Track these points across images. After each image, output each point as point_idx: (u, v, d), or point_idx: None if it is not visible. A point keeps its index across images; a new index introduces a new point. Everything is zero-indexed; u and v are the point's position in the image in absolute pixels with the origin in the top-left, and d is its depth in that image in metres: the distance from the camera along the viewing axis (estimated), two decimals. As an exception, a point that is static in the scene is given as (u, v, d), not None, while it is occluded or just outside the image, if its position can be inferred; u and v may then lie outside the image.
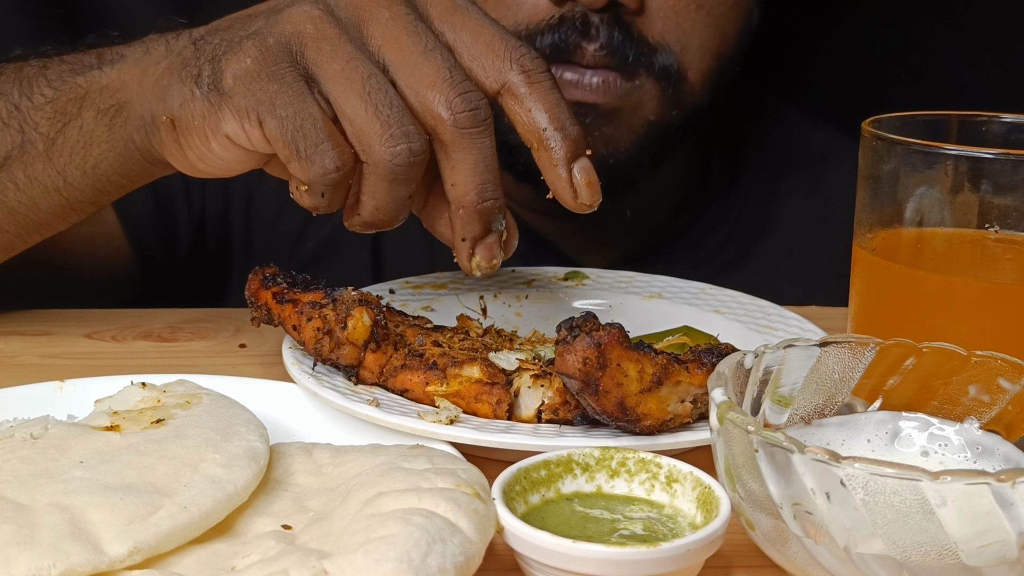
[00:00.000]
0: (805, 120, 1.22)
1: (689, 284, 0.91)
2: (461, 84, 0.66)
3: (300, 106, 0.65)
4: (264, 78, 0.65)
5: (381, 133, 0.64)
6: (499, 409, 0.66)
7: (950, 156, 0.68)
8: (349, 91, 0.65)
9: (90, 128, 0.75)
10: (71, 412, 0.67)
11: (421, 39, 0.66)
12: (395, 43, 0.66)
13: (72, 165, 0.76)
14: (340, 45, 0.65)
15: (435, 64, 0.66)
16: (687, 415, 0.64)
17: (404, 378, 0.68)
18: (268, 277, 0.74)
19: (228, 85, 0.66)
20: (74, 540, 0.49)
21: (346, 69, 0.65)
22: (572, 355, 0.61)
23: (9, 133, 0.77)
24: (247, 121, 0.66)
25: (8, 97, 0.77)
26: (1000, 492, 0.48)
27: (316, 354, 0.69)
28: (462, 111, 0.65)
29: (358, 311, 0.68)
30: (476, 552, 0.51)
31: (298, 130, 0.64)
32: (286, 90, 0.65)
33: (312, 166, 0.65)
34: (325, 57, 0.65)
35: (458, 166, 0.66)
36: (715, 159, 1.17)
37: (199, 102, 0.67)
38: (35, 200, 0.78)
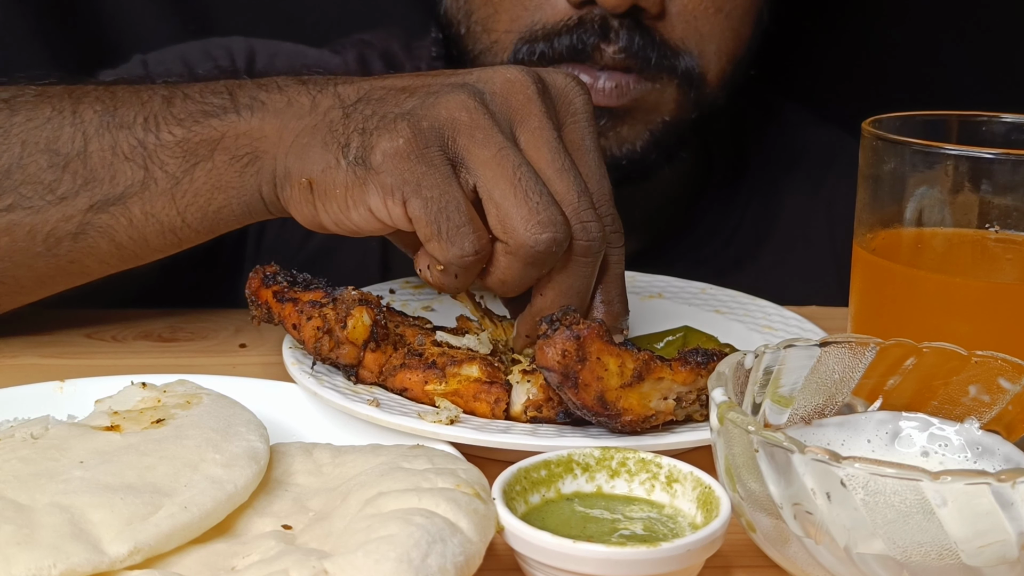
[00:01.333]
0: (808, 121, 1.22)
1: (689, 284, 0.91)
2: (587, 212, 0.67)
3: (445, 188, 0.66)
4: (413, 159, 0.66)
5: (528, 218, 0.65)
6: (497, 408, 0.66)
7: (950, 156, 0.68)
8: (500, 176, 0.66)
9: (220, 172, 0.74)
10: (71, 412, 0.67)
11: (559, 158, 0.68)
12: (537, 152, 0.68)
13: (195, 207, 0.75)
14: (493, 135, 0.67)
15: (567, 185, 0.67)
16: (670, 412, 0.64)
17: (403, 377, 0.68)
18: (268, 276, 0.74)
19: (377, 162, 0.67)
20: (74, 540, 0.49)
21: (498, 156, 0.66)
22: (551, 348, 0.61)
23: (130, 167, 0.75)
24: (391, 199, 0.67)
25: (131, 131, 0.75)
26: (1000, 492, 0.48)
27: (316, 353, 0.69)
28: (580, 239, 0.67)
29: (358, 310, 0.68)
30: (476, 552, 0.51)
31: (441, 211, 0.66)
32: (433, 173, 0.66)
33: (452, 248, 0.66)
34: (477, 144, 0.67)
35: (555, 283, 0.68)
36: (718, 159, 1.17)
37: (344, 172, 0.68)
38: (146, 237, 0.76)
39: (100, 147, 0.75)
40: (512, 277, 0.68)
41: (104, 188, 0.75)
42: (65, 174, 0.75)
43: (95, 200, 0.75)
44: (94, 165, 0.75)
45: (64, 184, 0.75)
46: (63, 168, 0.75)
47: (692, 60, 0.96)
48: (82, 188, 0.75)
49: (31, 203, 0.75)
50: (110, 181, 0.75)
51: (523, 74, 0.70)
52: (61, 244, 0.76)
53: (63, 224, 0.76)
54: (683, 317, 0.84)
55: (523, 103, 0.69)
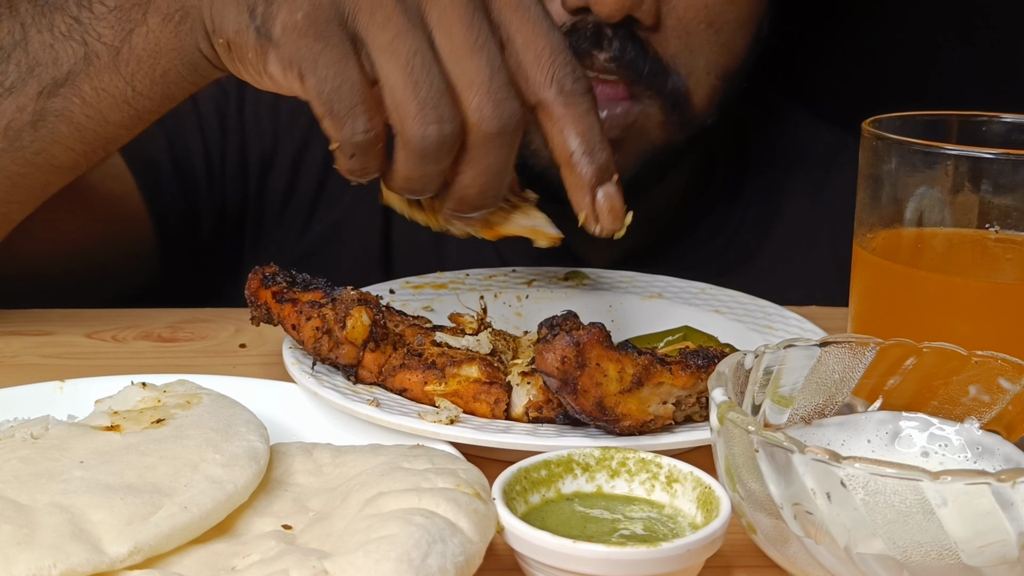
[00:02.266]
0: (810, 121, 1.22)
1: (689, 284, 0.91)
2: (498, 91, 0.66)
3: (341, 68, 0.65)
4: (311, 36, 0.65)
5: (415, 112, 0.65)
6: (497, 409, 0.66)
7: (950, 156, 0.68)
8: (393, 63, 0.65)
9: (156, 35, 0.74)
10: (71, 412, 0.67)
11: (473, 32, 0.66)
12: (448, 30, 0.66)
13: (141, 74, 0.75)
14: (393, 16, 0.65)
15: (478, 64, 0.66)
16: (668, 417, 0.64)
17: (403, 377, 0.68)
18: (268, 276, 0.74)
19: (277, 34, 0.66)
20: (74, 540, 0.49)
21: (394, 41, 0.65)
22: (551, 353, 0.61)
23: (71, 45, 0.75)
24: (289, 72, 0.66)
25: (65, 10, 0.76)
26: (1000, 492, 0.48)
27: (315, 353, 0.70)
28: (489, 117, 0.66)
29: (357, 310, 0.68)
30: (476, 552, 0.51)
31: (335, 91, 0.65)
32: (330, 51, 0.65)
33: (343, 127, 0.66)
34: (376, 25, 0.65)
35: (472, 164, 0.67)
36: (719, 160, 1.17)
37: (250, 36, 0.68)
38: (103, 113, 0.76)
39: (39, 31, 0.76)
40: (412, 173, 0.67)
41: (50, 71, 0.76)
42: (10, 65, 0.76)
43: (43, 84, 0.76)
44: (35, 51, 0.76)
45: (10, 75, 0.76)
46: (6, 60, 0.76)
47: (679, 81, 0.95)
48: (28, 75, 0.76)
49: None
50: (54, 63, 0.75)
51: None
52: (22, 136, 0.77)
53: (19, 115, 0.76)
54: (683, 317, 0.84)
55: None
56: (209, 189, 1.09)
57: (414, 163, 0.67)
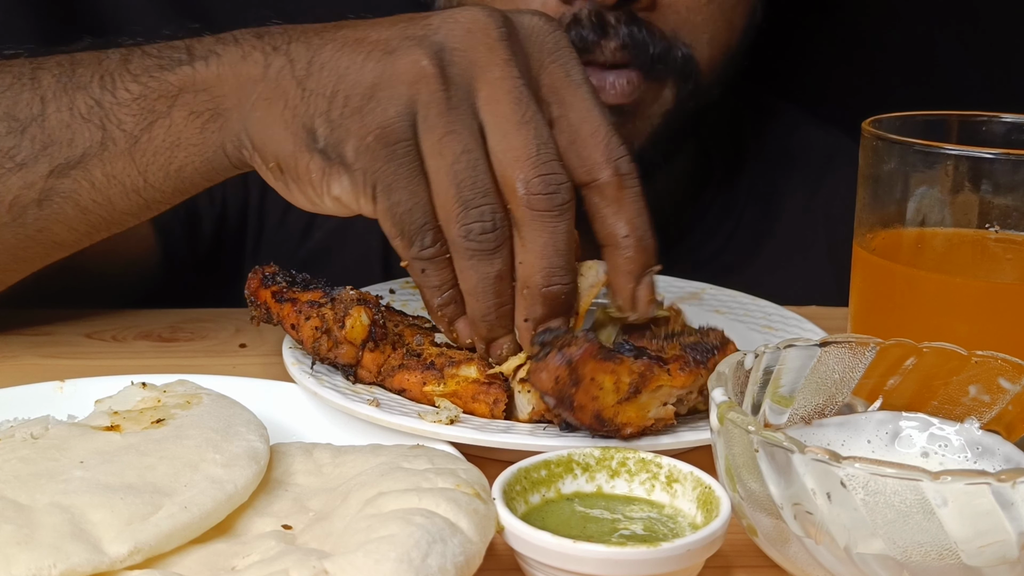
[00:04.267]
0: (807, 122, 1.22)
1: (689, 284, 0.91)
2: (545, 164, 0.65)
3: (414, 190, 0.66)
4: (384, 158, 0.65)
5: (457, 212, 0.65)
6: (496, 409, 0.66)
7: (950, 156, 0.68)
8: (440, 166, 0.65)
9: (179, 129, 0.73)
10: (71, 412, 0.67)
11: (520, 108, 0.65)
12: (495, 106, 0.66)
13: (155, 166, 0.74)
14: (443, 114, 0.65)
15: (525, 138, 0.65)
16: (670, 417, 0.63)
17: (402, 378, 0.68)
18: (268, 276, 0.74)
19: (350, 158, 0.66)
20: (74, 540, 0.49)
21: (440, 143, 0.65)
22: (544, 372, 0.61)
23: (89, 128, 0.73)
24: (363, 195, 0.67)
25: (88, 91, 0.74)
26: (1000, 492, 0.48)
27: (314, 353, 0.70)
28: (537, 192, 0.65)
29: (356, 310, 0.68)
30: (476, 552, 0.51)
31: (406, 214, 0.66)
32: (403, 172, 0.66)
33: (412, 246, 0.66)
34: (428, 127, 0.65)
35: (528, 246, 0.66)
36: (716, 160, 1.17)
37: (314, 159, 0.68)
38: (111, 199, 0.75)
39: (58, 109, 0.74)
40: (470, 280, 0.66)
41: (63, 151, 0.74)
42: (24, 139, 0.74)
43: (55, 164, 0.74)
44: (52, 128, 0.74)
45: (23, 150, 0.74)
46: (21, 133, 0.74)
47: (687, 50, 0.96)
48: (41, 153, 0.74)
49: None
50: (68, 144, 0.74)
51: (487, 18, 0.67)
52: (27, 212, 0.75)
53: (26, 192, 0.74)
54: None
55: (484, 54, 0.66)
56: (209, 196, 1.08)
57: (467, 268, 0.66)
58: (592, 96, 0.68)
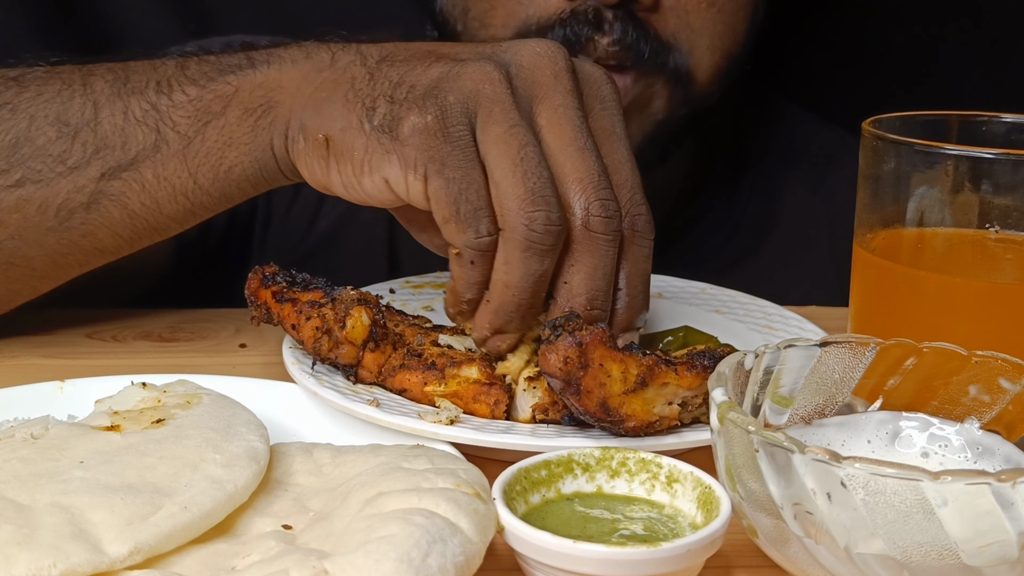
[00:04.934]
0: (809, 120, 1.22)
1: (689, 284, 0.91)
2: (605, 190, 0.66)
3: (468, 170, 0.65)
4: (440, 137, 0.66)
5: (523, 198, 0.64)
6: (497, 410, 0.66)
7: (950, 156, 0.68)
8: (504, 154, 0.65)
9: (232, 128, 0.73)
10: (71, 412, 0.67)
11: (582, 136, 0.67)
12: (558, 129, 0.67)
13: (207, 167, 0.74)
14: (509, 111, 0.66)
15: (587, 163, 0.66)
16: (674, 418, 0.64)
17: (402, 378, 0.68)
18: (268, 276, 0.74)
19: (405, 134, 0.66)
20: (74, 540, 0.49)
21: (507, 133, 0.65)
22: (554, 354, 0.61)
23: (143, 131, 0.74)
24: (413, 174, 0.66)
25: (143, 95, 0.74)
26: (1000, 492, 0.48)
27: (315, 353, 0.70)
28: (598, 215, 0.66)
29: (356, 310, 0.68)
30: (476, 552, 0.51)
31: (462, 193, 0.65)
32: (458, 153, 0.66)
33: (468, 230, 0.65)
34: (493, 120, 0.66)
35: (576, 266, 0.66)
36: (718, 158, 1.17)
37: (366, 136, 0.67)
38: (159, 203, 0.75)
39: (111, 114, 0.74)
40: (515, 275, 0.66)
41: (116, 155, 0.74)
42: (75, 144, 0.74)
43: (107, 167, 0.74)
44: (105, 132, 0.74)
45: (75, 154, 0.74)
46: (72, 138, 0.74)
47: (682, 58, 0.96)
48: (93, 156, 0.74)
49: (41, 176, 0.75)
50: (122, 147, 0.74)
51: (554, 48, 0.69)
52: (73, 216, 0.75)
53: (75, 195, 0.75)
54: (683, 317, 0.84)
55: (550, 78, 0.68)
56: None
57: (517, 259, 0.65)
58: (628, 151, 0.70)
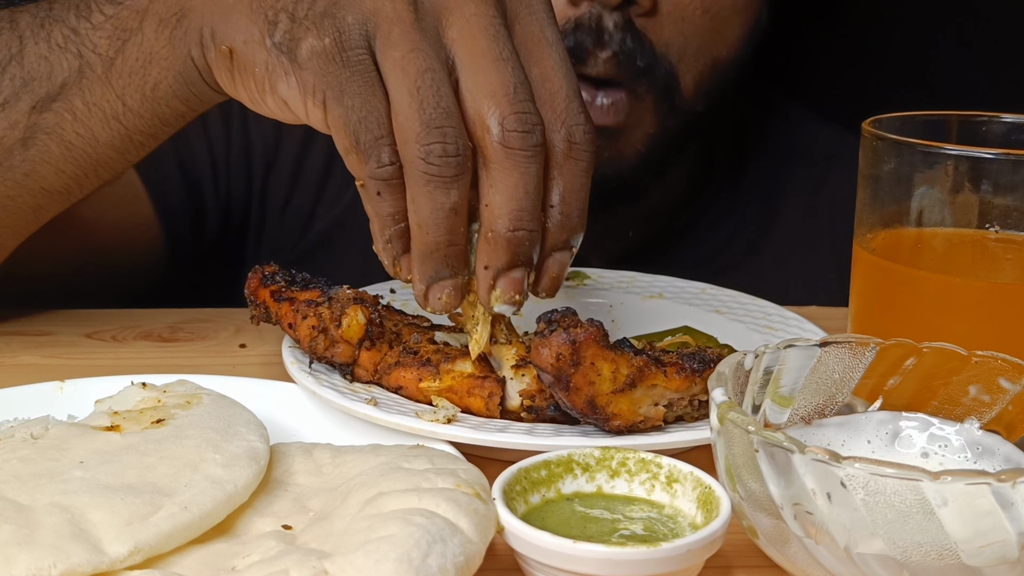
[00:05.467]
0: (810, 120, 1.22)
1: (690, 284, 0.91)
2: (523, 103, 0.62)
3: (368, 97, 0.62)
4: (338, 62, 0.62)
5: (418, 130, 0.61)
6: (491, 402, 0.67)
7: (950, 156, 0.68)
8: (402, 81, 0.61)
9: (150, 43, 0.71)
10: (71, 412, 0.67)
11: (497, 45, 0.62)
12: (470, 42, 0.62)
13: (132, 87, 0.72)
14: (408, 32, 0.62)
15: (503, 75, 0.62)
16: (659, 418, 0.64)
17: (398, 375, 0.69)
18: (267, 276, 0.74)
19: (303, 57, 0.63)
20: (74, 540, 0.49)
21: (405, 58, 0.61)
22: (547, 349, 0.61)
23: (66, 57, 0.73)
24: (311, 99, 0.63)
25: (64, 22, 0.73)
26: (1000, 492, 0.48)
27: (311, 352, 0.70)
28: (513, 129, 0.61)
29: (352, 309, 0.69)
30: (476, 552, 0.51)
31: (361, 122, 0.62)
32: (357, 79, 0.62)
33: (369, 160, 0.62)
34: (391, 43, 0.62)
35: (496, 186, 0.62)
36: (719, 158, 1.17)
37: (266, 53, 0.64)
38: (94, 131, 0.74)
39: (35, 44, 0.74)
40: (422, 210, 0.62)
41: (44, 85, 0.74)
42: (3, 79, 0.74)
43: (36, 99, 0.74)
44: (31, 64, 0.74)
45: (3, 90, 0.74)
46: (1, 74, 0.74)
47: (669, 67, 0.97)
48: (22, 90, 0.74)
49: None
50: (48, 77, 0.73)
51: None
52: (12, 154, 0.75)
53: (10, 132, 0.74)
54: (683, 317, 0.84)
55: None
56: (214, 189, 1.09)
57: (422, 195, 0.61)
58: (562, 57, 0.65)
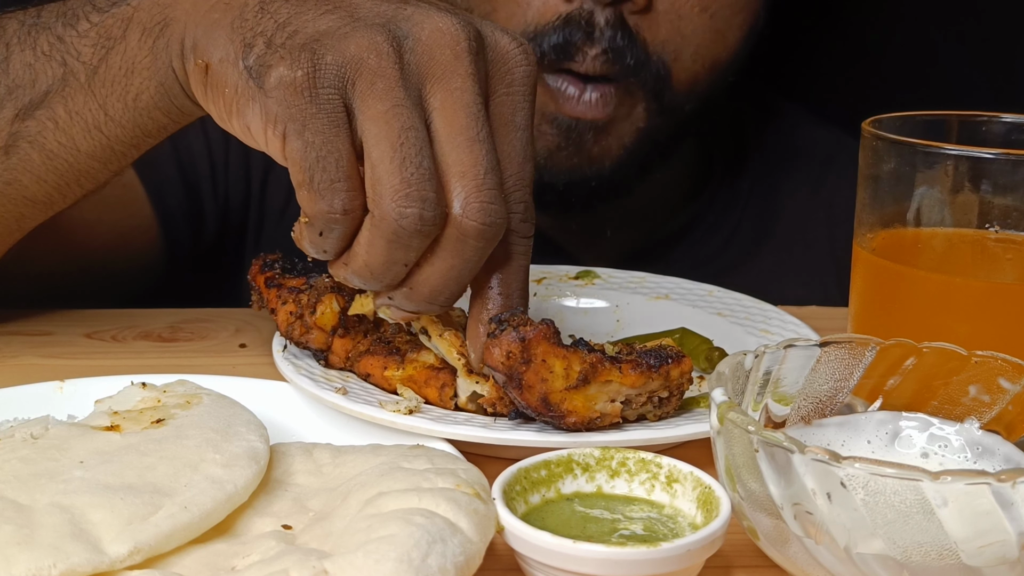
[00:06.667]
0: (809, 120, 1.22)
1: (697, 286, 0.91)
2: (488, 192, 0.61)
3: (330, 136, 0.61)
4: (306, 97, 0.61)
5: (397, 189, 0.60)
6: (444, 394, 0.67)
7: (950, 156, 0.68)
8: (383, 134, 0.60)
9: (133, 52, 0.70)
10: (71, 412, 0.67)
11: (476, 125, 0.62)
12: (451, 115, 0.62)
13: (114, 96, 0.72)
14: (393, 88, 0.61)
15: (476, 157, 0.61)
16: (616, 415, 0.64)
17: (366, 363, 0.70)
18: (268, 263, 0.77)
19: (269, 85, 0.61)
20: (74, 540, 0.49)
21: (388, 113, 0.60)
22: (497, 348, 0.62)
23: (50, 65, 0.72)
24: (272, 129, 0.62)
25: (51, 30, 0.73)
26: (1000, 492, 0.48)
27: (288, 336, 0.73)
28: (474, 219, 0.61)
29: (328, 298, 0.71)
30: (476, 552, 0.51)
31: (318, 161, 0.60)
32: (322, 117, 0.61)
33: (320, 201, 0.61)
34: (374, 94, 0.61)
35: (435, 260, 0.62)
36: (717, 159, 1.17)
37: (237, 74, 0.63)
38: (75, 140, 0.73)
39: (21, 51, 0.74)
40: (376, 257, 0.61)
41: (27, 93, 0.73)
42: None
43: (20, 106, 0.73)
44: (16, 71, 0.73)
45: None
46: None
47: (661, 65, 0.96)
48: (6, 97, 0.73)
49: None
50: (32, 84, 0.73)
51: (458, 26, 0.63)
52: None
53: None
54: (685, 319, 0.84)
55: (449, 59, 0.62)
56: (213, 190, 1.09)
57: (382, 247, 0.61)
58: (524, 145, 0.65)
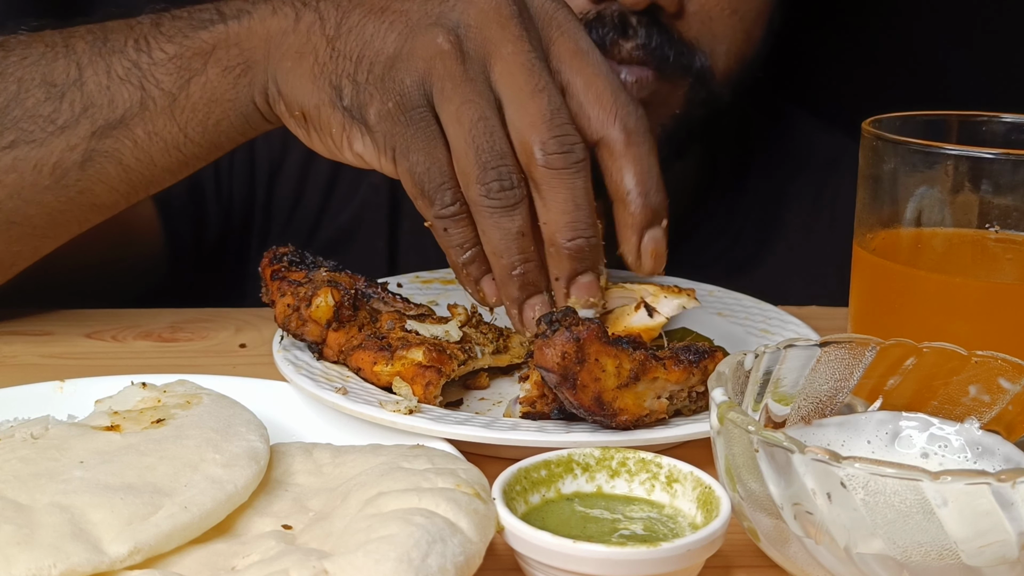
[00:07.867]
0: (813, 125, 1.22)
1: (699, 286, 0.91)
2: (560, 127, 0.68)
3: (431, 150, 0.69)
4: (403, 122, 0.69)
5: (477, 173, 0.68)
6: (428, 392, 0.68)
7: (950, 156, 0.68)
8: (459, 132, 0.68)
9: (214, 85, 0.76)
10: (71, 412, 0.67)
11: (534, 78, 0.69)
12: (510, 79, 0.69)
13: (195, 121, 0.77)
14: (459, 85, 0.69)
15: (539, 105, 0.68)
16: (663, 411, 0.64)
17: (357, 357, 0.71)
18: (277, 256, 0.78)
19: (372, 120, 0.70)
20: (74, 540, 0.49)
21: (459, 111, 0.68)
22: (551, 349, 0.61)
23: (127, 89, 0.77)
24: (384, 156, 0.71)
25: (123, 54, 0.77)
26: (1000, 492, 0.48)
27: (284, 328, 0.74)
28: (554, 152, 0.67)
29: (323, 291, 0.72)
30: (476, 552, 0.51)
31: (425, 173, 0.69)
32: (420, 136, 0.69)
33: (433, 205, 0.69)
34: (445, 98, 0.69)
35: (549, 204, 0.68)
36: (722, 163, 1.17)
37: (341, 116, 0.72)
38: (152, 157, 0.78)
39: (95, 73, 0.77)
40: (493, 239, 0.69)
41: (104, 113, 0.77)
42: (63, 104, 0.77)
43: (96, 126, 0.77)
44: (91, 91, 0.77)
45: (63, 114, 0.77)
46: (60, 98, 0.77)
47: (705, 59, 0.97)
48: (82, 115, 0.77)
49: (33, 136, 0.77)
50: (109, 105, 0.77)
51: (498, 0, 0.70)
52: (68, 174, 0.78)
53: (68, 154, 0.77)
54: (686, 318, 0.84)
55: (497, 31, 0.70)
56: (216, 191, 1.09)
57: (489, 227, 0.68)
58: (599, 61, 0.71)
